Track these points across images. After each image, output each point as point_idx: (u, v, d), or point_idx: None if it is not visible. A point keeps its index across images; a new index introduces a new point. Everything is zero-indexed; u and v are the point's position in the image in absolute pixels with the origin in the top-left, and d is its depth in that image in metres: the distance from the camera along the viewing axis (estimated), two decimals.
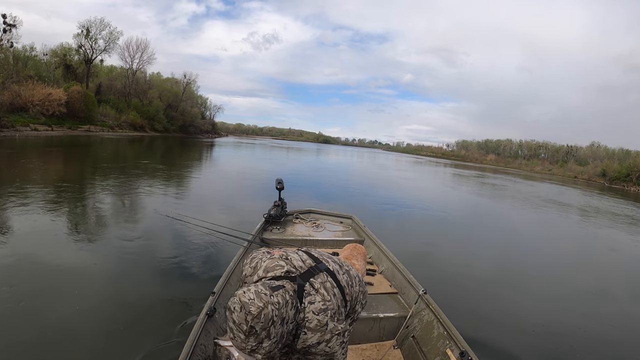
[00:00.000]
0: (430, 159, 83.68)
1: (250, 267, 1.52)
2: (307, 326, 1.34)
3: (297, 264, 1.46)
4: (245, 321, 1.18)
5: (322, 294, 1.40)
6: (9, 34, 35.29)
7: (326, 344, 1.36)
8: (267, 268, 1.44)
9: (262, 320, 1.19)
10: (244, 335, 1.19)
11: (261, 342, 1.20)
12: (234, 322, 1.20)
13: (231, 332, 1.22)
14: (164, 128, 54.93)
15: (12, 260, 4.62)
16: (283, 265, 1.44)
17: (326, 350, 1.37)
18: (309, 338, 1.35)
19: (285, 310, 1.29)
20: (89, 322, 3.43)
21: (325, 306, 1.38)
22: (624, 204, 23.86)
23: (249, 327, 1.18)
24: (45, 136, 28.46)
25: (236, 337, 1.21)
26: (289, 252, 1.53)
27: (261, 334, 1.19)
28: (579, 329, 4.53)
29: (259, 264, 1.49)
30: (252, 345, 1.20)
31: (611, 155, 72.30)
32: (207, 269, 4.97)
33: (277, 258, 1.47)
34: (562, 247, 9.58)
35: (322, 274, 1.46)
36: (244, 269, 1.55)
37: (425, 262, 6.29)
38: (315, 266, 1.48)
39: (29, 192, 8.29)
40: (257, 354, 1.22)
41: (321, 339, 1.35)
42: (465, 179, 31.60)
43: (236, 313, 1.19)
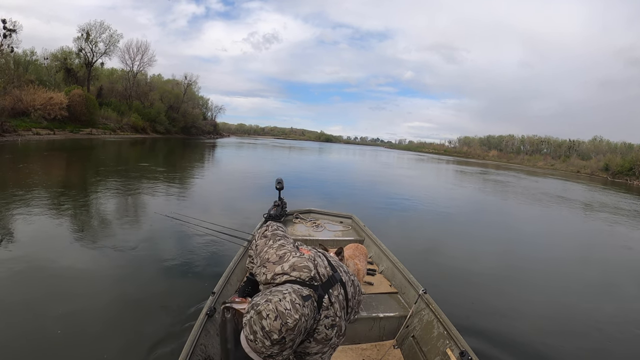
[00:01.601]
0: (432, 156, 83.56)
1: (277, 254, 1.48)
2: (314, 337, 1.33)
3: (321, 270, 1.42)
4: (279, 331, 1.14)
5: (335, 308, 1.39)
6: (9, 38, 35.50)
7: (321, 356, 1.37)
8: (295, 266, 1.40)
9: (294, 332, 1.17)
10: (269, 343, 1.14)
11: (283, 350, 1.17)
12: (263, 329, 1.14)
13: (253, 334, 1.16)
14: (166, 130, 55.04)
15: (16, 261, 4.65)
16: (311, 269, 1.39)
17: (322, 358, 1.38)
18: (311, 347, 1.34)
19: (310, 321, 1.28)
20: (90, 322, 3.45)
21: (334, 322, 1.37)
22: (631, 199, 23.71)
23: (280, 338, 1.14)
24: (47, 140, 28.58)
25: (257, 342, 1.15)
26: (316, 254, 1.49)
27: (288, 344, 1.17)
28: (582, 328, 4.51)
29: (287, 256, 1.45)
30: (272, 352, 1.16)
31: (614, 149, 71.92)
32: (207, 269, 4.98)
33: (307, 259, 1.43)
34: (570, 245, 9.53)
35: (337, 284, 1.44)
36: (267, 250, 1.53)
37: (426, 262, 6.26)
38: (333, 275, 1.45)
39: (32, 195, 8.33)
40: (273, 359, 1.18)
41: (320, 350, 1.35)
42: (469, 176, 31.52)
43: (269, 320, 1.14)
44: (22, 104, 31.61)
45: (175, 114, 58.05)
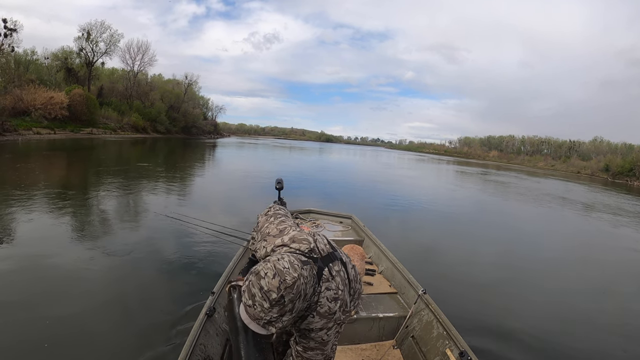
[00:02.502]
0: (433, 157, 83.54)
1: (277, 228, 1.52)
2: (317, 310, 1.33)
3: (320, 246, 1.43)
4: (277, 289, 1.14)
5: (337, 282, 1.39)
6: (10, 38, 35.47)
7: (326, 332, 1.36)
8: (295, 238, 1.42)
9: (293, 292, 1.16)
10: (268, 305, 1.14)
11: (283, 314, 1.17)
12: (261, 289, 1.14)
13: (251, 299, 1.16)
14: (166, 129, 55.04)
15: (16, 261, 4.67)
16: (310, 242, 1.41)
17: (323, 338, 1.37)
18: (315, 322, 1.34)
19: (309, 287, 1.27)
20: (89, 322, 3.45)
21: (337, 295, 1.37)
22: (633, 200, 23.63)
23: (279, 297, 1.14)
24: (47, 140, 28.60)
25: (256, 306, 1.15)
26: (316, 233, 1.51)
27: (287, 306, 1.16)
28: (582, 329, 4.51)
29: (288, 230, 1.48)
30: (272, 317, 1.16)
31: (614, 150, 71.84)
32: (206, 269, 4.98)
33: (307, 234, 1.45)
34: (571, 245, 9.53)
35: (337, 261, 1.44)
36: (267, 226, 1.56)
37: (425, 262, 6.26)
38: (333, 253, 1.47)
39: (32, 195, 8.33)
40: (272, 327, 1.18)
41: (325, 325, 1.34)
42: (469, 177, 31.51)
43: (267, 279, 1.14)
44: (22, 104, 31.63)
45: (175, 114, 58.06)
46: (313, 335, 1.36)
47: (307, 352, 1.41)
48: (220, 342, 2.55)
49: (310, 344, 1.39)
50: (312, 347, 1.39)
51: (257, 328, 1.20)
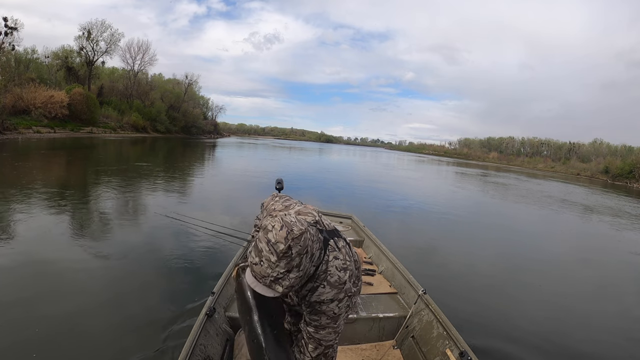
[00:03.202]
0: (432, 158, 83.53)
1: (283, 204, 1.56)
2: (327, 280, 1.34)
3: (325, 221, 1.47)
4: (285, 240, 1.14)
5: (344, 253, 1.41)
6: (11, 37, 35.35)
7: (337, 304, 1.36)
8: (300, 212, 1.45)
9: (300, 243, 1.17)
10: (275, 258, 1.13)
11: (290, 270, 1.16)
12: (268, 242, 1.14)
13: (258, 255, 1.16)
14: (166, 129, 55.01)
15: (15, 260, 4.65)
16: (315, 216, 1.44)
17: (335, 312, 1.37)
18: (326, 292, 1.34)
19: (316, 247, 1.28)
20: (89, 322, 3.44)
21: (346, 266, 1.39)
22: (634, 202, 23.60)
23: (287, 248, 1.14)
24: (47, 139, 28.58)
25: (263, 262, 1.15)
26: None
27: (294, 260, 1.16)
28: (582, 330, 4.50)
29: (293, 206, 1.53)
30: (278, 273, 1.15)
31: (614, 152, 71.88)
32: (206, 269, 4.96)
33: (312, 209, 1.50)
34: (572, 247, 9.50)
35: (342, 239, 1.47)
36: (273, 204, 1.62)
37: (425, 262, 6.26)
38: (337, 231, 1.50)
39: (32, 194, 8.33)
40: (278, 285, 1.17)
41: (336, 297, 1.35)
42: (470, 178, 31.51)
43: (275, 231, 1.15)
44: (22, 102, 31.60)
45: (175, 114, 58.04)
46: (324, 308, 1.36)
47: (319, 332, 1.42)
48: (220, 342, 2.55)
49: (322, 321, 1.39)
50: (323, 324, 1.40)
51: (264, 289, 1.20)
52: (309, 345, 1.46)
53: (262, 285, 1.19)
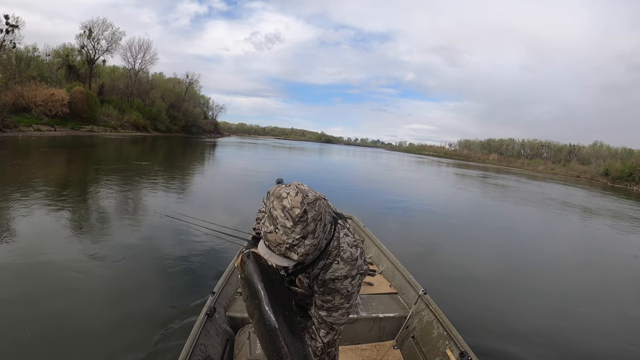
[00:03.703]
0: (433, 159, 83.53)
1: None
2: (341, 255, 1.35)
3: (332, 207, 1.46)
4: (301, 204, 1.16)
5: (352, 233, 1.43)
6: (12, 34, 35.32)
7: (351, 281, 1.37)
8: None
9: (315, 209, 1.18)
10: (291, 223, 1.14)
11: (305, 236, 1.16)
12: (284, 208, 1.16)
13: (273, 223, 1.17)
14: (167, 128, 54.99)
15: (14, 258, 4.66)
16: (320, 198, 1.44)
17: (348, 289, 1.38)
18: (340, 269, 1.35)
19: (328, 219, 1.28)
20: (88, 322, 3.44)
21: (357, 243, 1.41)
22: (635, 205, 23.59)
23: (302, 212, 1.15)
24: (48, 137, 28.59)
25: (278, 229, 1.15)
26: None
27: (309, 225, 1.16)
28: (581, 331, 4.51)
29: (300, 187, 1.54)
30: (294, 239, 1.15)
31: (614, 154, 71.82)
32: (206, 269, 4.97)
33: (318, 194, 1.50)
34: (573, 249, 9.49)
35: (347, 222, 1.49)
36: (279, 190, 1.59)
37: (426, 263, 6.27)
38: (342, 215, 1.51)
39: (32, 192, 8.33)
40: (293, 253, 1.17)
41: (349, 273, 1.35)
42: (470, 179, 31.50)
43: (290, 198, 1.17)
44: (23, 100, 31.58)
45: (176, 113, 58.01)
46: (339, 285, 1.36)
47: (332, 315, 1.43)
48: (221, 342, 2.55)
49: (335, 301, 1.40)
50: (337, 304, 1.40)
51: (278, 259, 1.20)
52: (320, 330, 1.47)
53: (277, 255, 1.19)
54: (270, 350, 1.38)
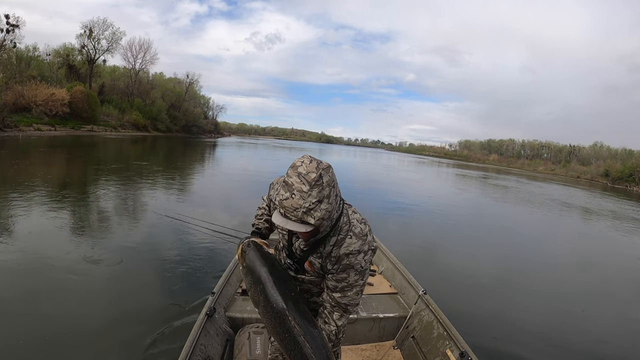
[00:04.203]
0: (433, 159, 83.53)
1: None
2: (352, 230, 1.38)
3: None
4: (316, 169, 1.22)
5: (358, 212, 1.47)
6: (12, 34, 35.30)
7: (364, 256, 1.39)
8: None
9: (329, 174, 1.24)
10: (308, 187, 1.19)
11: (321, 200, 1.21)
12: (299, 175, 1.21)
13: (288, 190, 1.21)
14: (167, 128, 55.01)
15: (12, 259, 4.65)
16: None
17: (362, 265, 1.40)
18: (353, 243, 1.38)
19: (338, 189, 1.33)
20: (89, 322, 3.43)
21: (364, 220, 1.44)
22: (636, 206, 23.55)
23: (318, 176, 1.21)
24: (48, 136, 28.60)
25: (295, 193, 1.19)
26: None
27: (325, 189, 1.22)
28: (581, 332, 4.50)
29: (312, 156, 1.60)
30: (310, 203, 1.19)
31: (614, 155, 71.78)
32: (206, 269, 4.96)
33: None
34: (574, 250, 9.47)
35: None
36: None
37: (426, 263, 6.26)
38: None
39: (32, 192, 8.33)
40: (310, 217, 1.20)
41: (362, 248, 1.38)
42: (471, 180, 31.48)
43: (304, 165, 1.23)
44: (23, 100, 31.59)
45: (176, 113, 58.02)
46: (353, 260, 1.38)
47: (347, 295, 1.44)
48: (221, 342, 2.55)
49: (350, 278, 1.41)
50: (351, 282, 1.42)
51: (295, 225, 1.23)
52: (334, 314, 1.48)
53: (293, 221, 1.22)
54: (281, 334, 1.37)
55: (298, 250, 1.52)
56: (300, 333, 1.33)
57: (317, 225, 1.24)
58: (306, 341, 1.33)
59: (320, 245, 1.43)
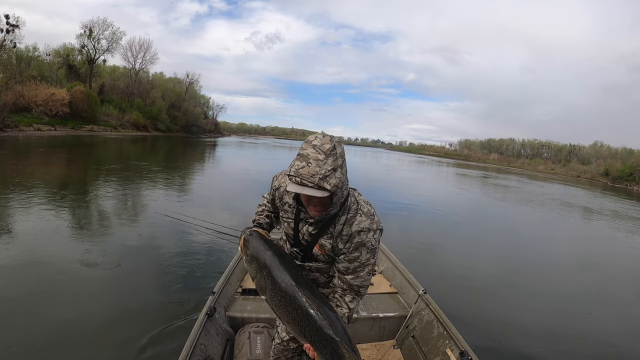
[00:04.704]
0: (433, 159, 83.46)
1: None
2: (361, 209, 1.43)
3: None
4: (330, 141, 1.30)
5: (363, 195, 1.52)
6: (12, 34, 35.27)
7: (374, 234, 1.42)
8: None
9: (342, 146, 1.33)
10: (323, 156, 1.26)
11: (335, 169, 1.27)
12: (314, 146, 1.28)
13: (304, 160, 1.26)
14: (167, 128, 54.98)
15: (12, 260, 4.65)
16: None
17: (372, 243, 1.43)
18: (363, 221, 1.42)
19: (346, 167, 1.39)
20: (89, 321, 3.44)
21: (369, 202, 1.50)
22: (638, 206, 23.54)
23: (332, 147, 1.28)
24: (48, 136, 28.60)
25: (311, 162, 1.25)
26: None
27: (339, 159, 1.29)
28: (581, 331, 4.50)
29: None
30: (326, 170, 1.25)
31: (614, 154, 71.71)
32: (207, 269, 4.96)
33: None
34: (574, 250, 9.45)
35: None
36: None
37: (426, 263, 6.24)
38: None
39: (32, 193, 8.33)
40: (326, 183, 1.25)
41: (371, 226, 1.42)
42: (471, 180, 31.47)
43: (318, 139, 1.30)
44: (23, 100, 31.58)
45: (176, 112, 58.00)
46: (364, 237, 1.40)
47: (359, 276, 1.46)
48: (221, 342, 2.56)
49: (362, 257, 1.43)
50: (364, 261, 1.44)
51: (311, 190, 1.26)
52: (345, 297, 1.50)
53: (310, 187, 1.26)
54: (293, 313, 1.35)
55: (306, 235, 1.52)
56: (313, 306, 1.32)
57: (333, 192, 1.28)
58: (320, 313, 1.32)
59: (330, 225, 1.45)
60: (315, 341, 1.33)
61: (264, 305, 3.03)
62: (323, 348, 1.31)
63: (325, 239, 1.48)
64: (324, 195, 1.26)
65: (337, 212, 1.42)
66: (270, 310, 2.83)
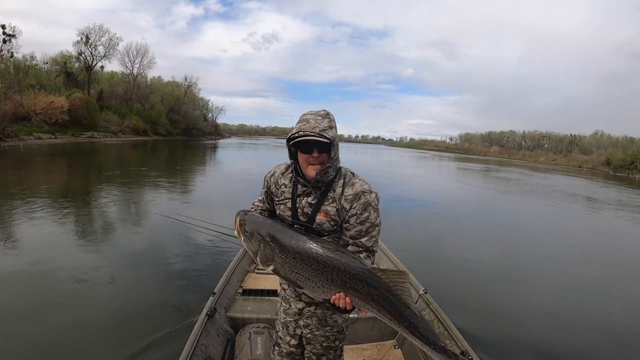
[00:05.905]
0: (434, 153, 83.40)
1: None
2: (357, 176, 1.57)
3: None
4: (324, 110, 1.48)
5: None
6: (9, 44, 35.51)
7: (375, 196, 1.53)
8: None
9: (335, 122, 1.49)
10: (320, 117, 1.44)
11: (331, 127, 1.44)
12: (311, 113, 1.47)
13: (305, 121, 1.43)
14: (167, 132, 55.07)
15: (17, 265, 4.67)
16: None
17: (375, 203, 1.53)
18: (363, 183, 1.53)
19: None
20: (90, 322, 3.47)
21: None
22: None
23: (326, 112, 1.47)
24: (48, 144, 28.69)
25: (310, 121, 1.42)
26: None
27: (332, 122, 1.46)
28: (584, 329, 4.44)
29: None
30: (324, 126, 1.42)
31: (615, 143, 71.49)
32: (207, 269, 4.98)
33: None
34: (579, 244, 9.39)
35: None
36: None
37: (426, 262, 6.17)
38: None
39: (35, 199, 8.35)
40: (325, 133, 1.40)
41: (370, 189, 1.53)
42: (473, 173, 31.41)
43: (314, 112, 1.47)
44: (23, 109, 31.68)
45: (176, 116, 58.07)
46: (368, 197, 1.50)
47: (371, 235, 1.52)
48: (221, 343, 2.56)
49: (371, 215, 1.50)
50: (373, 220, 1.51)
51: (314, 138, 1.39)
52: (361, 255, 1.50)
53: (312, 137, 1.39)
54: (311, 265, 1.30)
55: (305, 207, 1.53)
56: (332, 249, 1.32)
57: (332, 141, 1.42)
58: (342, 252, 1.33)
59: (329, 191, 1.51)
60: (346, 281, 1.27)
61: (265, 306, 3.03)
62: (357, 283, 1.26)
63: (327, 204, 1.51)
64: (325, 141, 1.40)
65: (334, 177, 1.52)
66: (271, 311, 2.85)
